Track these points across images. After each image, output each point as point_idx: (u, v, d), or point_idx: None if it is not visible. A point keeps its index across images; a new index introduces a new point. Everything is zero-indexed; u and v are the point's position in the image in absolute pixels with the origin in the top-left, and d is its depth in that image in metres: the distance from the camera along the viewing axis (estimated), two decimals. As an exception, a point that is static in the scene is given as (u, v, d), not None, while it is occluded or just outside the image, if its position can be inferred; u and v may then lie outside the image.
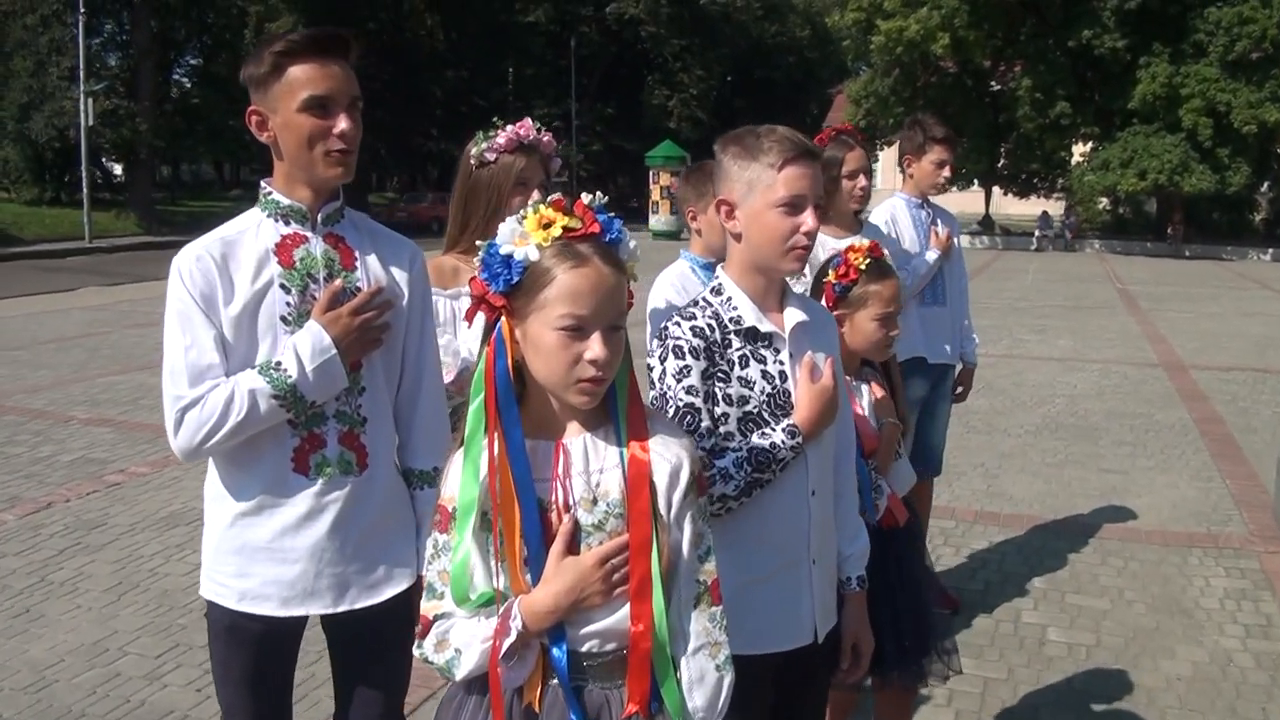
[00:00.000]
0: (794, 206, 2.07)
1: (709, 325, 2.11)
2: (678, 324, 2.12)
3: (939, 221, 4.55)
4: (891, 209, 4.51)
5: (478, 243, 1.67)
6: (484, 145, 2.89)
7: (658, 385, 2.10)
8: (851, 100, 35.20)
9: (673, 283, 3.28)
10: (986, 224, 36.30)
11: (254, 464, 2.12)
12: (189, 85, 43.70)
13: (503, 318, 1.63)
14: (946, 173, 4.43)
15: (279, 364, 2.05)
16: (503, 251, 1.60)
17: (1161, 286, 21.12)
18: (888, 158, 43.59)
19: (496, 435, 1.63)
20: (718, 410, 2.09)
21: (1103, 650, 4.24)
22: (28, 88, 31.11)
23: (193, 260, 2.07)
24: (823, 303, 2.73)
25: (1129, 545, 5.44)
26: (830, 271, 2.74)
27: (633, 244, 1.69)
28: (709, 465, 2.03)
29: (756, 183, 2.08)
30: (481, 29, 46.67)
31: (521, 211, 1.62)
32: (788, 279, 2.23)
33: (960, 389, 4.76)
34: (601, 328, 1.60)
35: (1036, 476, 6.75)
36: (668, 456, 1.69)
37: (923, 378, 4.48)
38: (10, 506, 5.93)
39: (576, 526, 1.67)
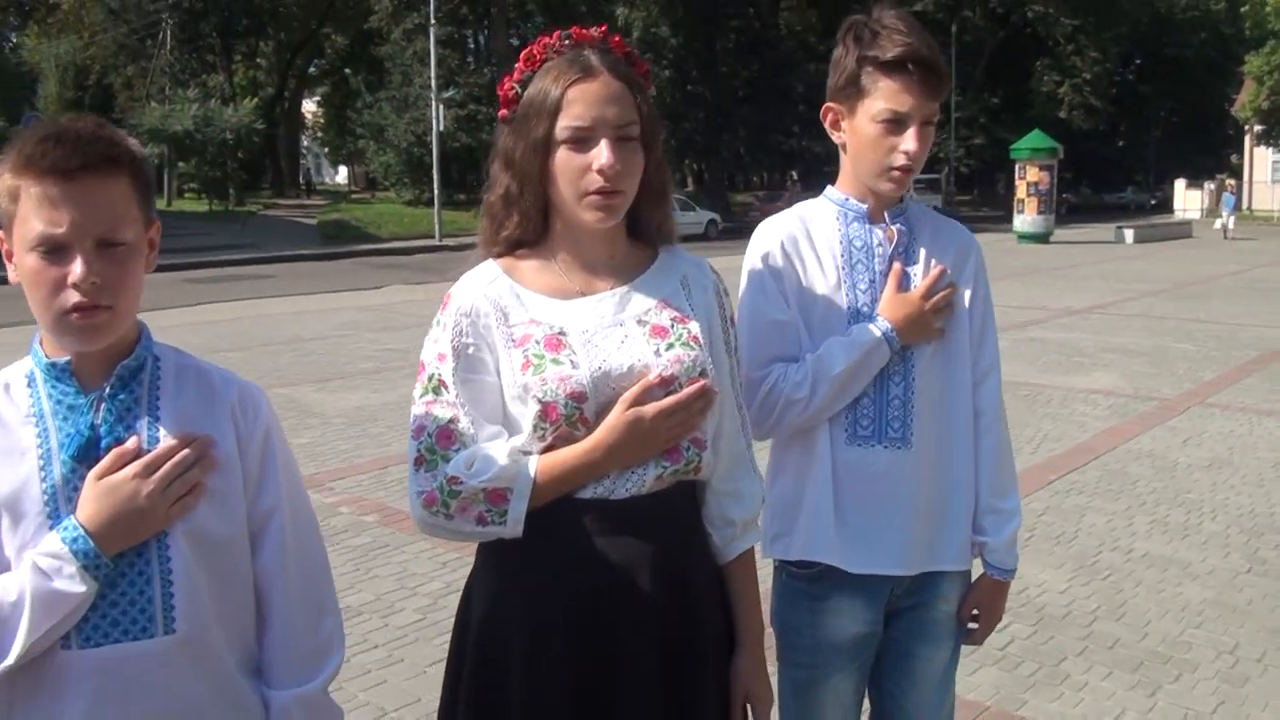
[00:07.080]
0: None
1: None
2: None
3: (916, 251, 2.01)
4: (786, 232, 1.99)
5: None
6: None
7: None
8: (1252, 77, 29.51)
9: None
10: None
11: None
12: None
13: None
14: (909, 145, 1.86)
15: None
16: None
17: None
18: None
19: None
20: None
21: None
22: (391, 97, 33.96)
23: None
24: None
25: None
26: None
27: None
28: None
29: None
30: (857, 20, 45.17)
31: None
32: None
33: (977, 617, 2.10)
34: None
35: None
36: None
37: (859, 602, 1.99)
38: None
39: None
